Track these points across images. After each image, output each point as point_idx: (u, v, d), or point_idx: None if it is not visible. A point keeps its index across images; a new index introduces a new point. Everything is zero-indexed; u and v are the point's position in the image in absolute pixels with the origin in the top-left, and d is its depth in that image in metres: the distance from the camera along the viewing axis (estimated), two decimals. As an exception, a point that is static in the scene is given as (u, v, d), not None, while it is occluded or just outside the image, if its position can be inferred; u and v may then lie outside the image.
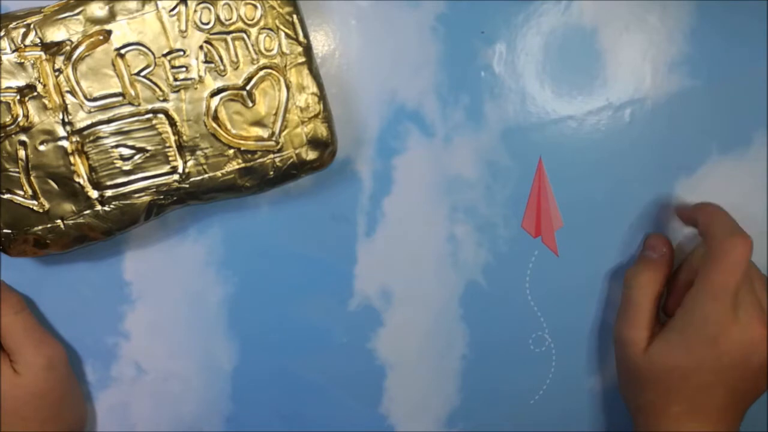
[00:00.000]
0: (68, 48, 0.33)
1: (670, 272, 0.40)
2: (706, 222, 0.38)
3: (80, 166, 0.34)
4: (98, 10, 0.33)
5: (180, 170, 0.35)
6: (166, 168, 0.35)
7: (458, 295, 0.41)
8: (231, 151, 0.35)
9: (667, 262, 0.40)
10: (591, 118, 0.39)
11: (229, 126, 0.35)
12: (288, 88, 0.34)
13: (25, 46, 0.33)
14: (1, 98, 0.33)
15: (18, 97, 0.34)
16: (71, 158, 0.34)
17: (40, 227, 0.35)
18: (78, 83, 0.34)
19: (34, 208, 0.34)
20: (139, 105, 0.34)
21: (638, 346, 0.39)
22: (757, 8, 0.39)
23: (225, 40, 0.34)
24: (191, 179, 0.35)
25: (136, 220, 0.35)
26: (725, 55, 0.39)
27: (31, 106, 0.34)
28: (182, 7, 0.33)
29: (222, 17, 0.34)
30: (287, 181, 0.36)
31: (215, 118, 0.34)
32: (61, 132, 0.34)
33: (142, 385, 0.40)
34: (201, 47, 0.34)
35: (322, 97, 0.35)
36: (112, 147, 0.34)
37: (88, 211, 0.35)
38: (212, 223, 0.39)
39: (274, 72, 0.34)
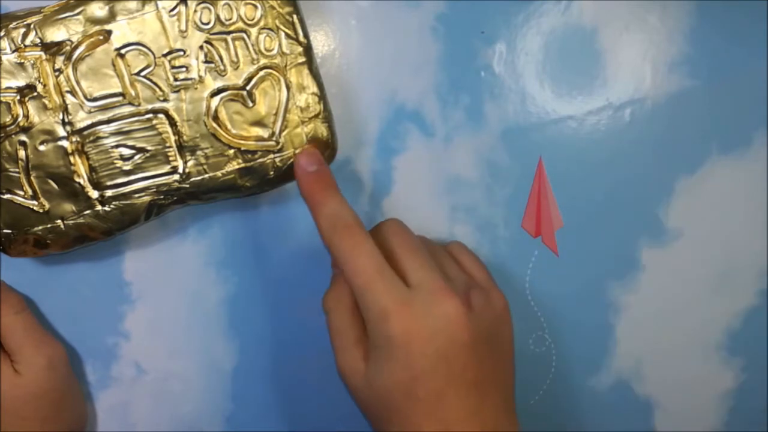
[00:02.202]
0: (68, 48, 0.33)
1: None
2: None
3: (80, 166, 0.34)
4: (98, 10, 0.33)
5: (180, 170, 0.35)
6: (167, 168, 0.35)
7: (458, 295, 0.41)
8: (231, 151, 0.35)
9: None
10: (591, 118, 0.39)
11: (229, 126, 0.35)
12: (288, 88, 0.34)
13: (25, 46, 0.33)
14: (1, 98, 0.33)
15: (18, 97, 0.34)
16: (71, 158, 0.34)
17: (40, 227, 0.35)
18: (78, 83, 0.34)
19: (34, 208, 0.34)
20: (139, 105, 0.34)
21: (357, 373, 0.33)
22: (757, 8, 0.39)
23: (225, 40, 0.34)
24: (191, 179, 0.35)
25: (136, 220, 0.35)
26: (725, 55, 0.39)
27: (31, 106, 0.34)
28: (182, 7, 0.33)
29: (222, 17, 0.34)
30: (287, 181, 0.36)
31: (215, 118, 0.34)
32: (61, 132, 0.34)
33: (142, 385, 0.40)
34: (201, 47, 0.34)
35: (322, 97, 0.35)
36: (112, 147, 0.34)
37: (88, 211, 0.35)
38: (212, 223, 0.39)
39: (274, 72, 0.34)
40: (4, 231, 0.34)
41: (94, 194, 0.35)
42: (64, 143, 0.34)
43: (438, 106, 0.39)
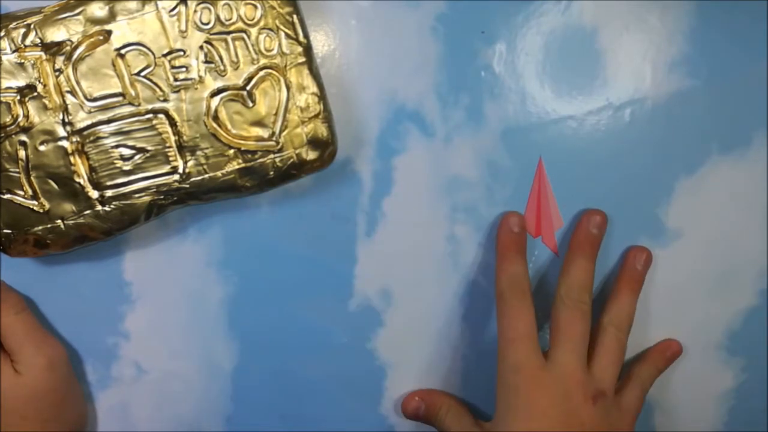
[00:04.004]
0: (68, 48, 0.33)
1: None
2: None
3: (80, 166, 0.34)
4: (98, 10, 0.33)
5: (180, 170, 0.35)
6: (167, 168, 0.35)
7: (458, 295, 0.41)
8: (231, 151, 0.35)
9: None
10: (591, 118, 0.39)
11: (229, 126, 0.35)
12: (288, 88, 0.34)
13: (26, 46, 0.33)
14: (2, 98, 0.33)
15: (18, 97, 0.34)
16: (71, 158, 0.34)
17: (40, 227, 0.35)
18: (78, 83, 0.34)
19: (34, 208, 0.34)
20: (139, 105, 0.34)
21: None
22: (757, 8, 0.39)
23: (225, 40, 0.34)
24: (191, 179, 0.35)
25: (136, 220, 0.35)
26: (725, 55, 0.39)
27: (31, 106, 0.34)
28: (182, 7, 0.33)
29: (222, 17, 0.34)
30: (287, 181, 0.36)
31: (215, 118, 0.34)
32: (61, 132, 0.34)
33: (142, 385, 0.40)
34: (201, 47, 0.34)
35: (322, 97, 0.35)
36: (113, 147, 0.34)
37: (88, 211, 0.35)
38: (212, 223, 0.39)
39: (274, 72, 0.34)
40: (4, 231, 0.34)
41: (94, 194, 0.35)
42: (64, 143, 0.34)
43: (438, 106, 0.39)
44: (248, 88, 0.34)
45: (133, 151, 0.34)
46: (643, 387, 0.40)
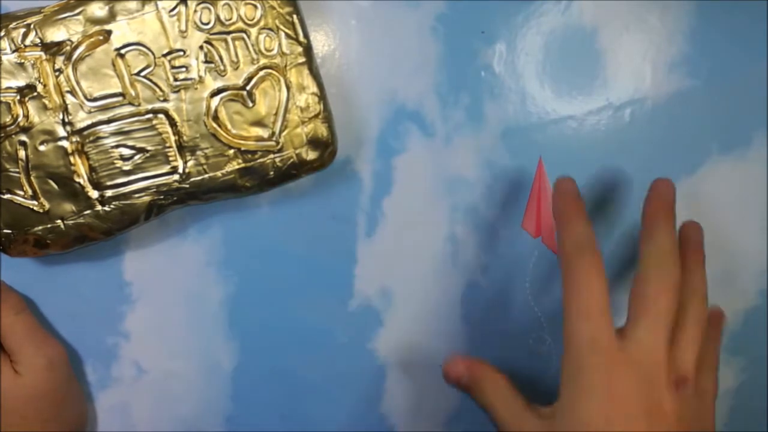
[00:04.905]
0: (68, 48, 0.33)
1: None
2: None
3: (80, 166, 0.34)
4: (98, 10, 0.33)
5: (180, 170, 0.35)
6: (167, 168, 0.35)
7: (458, 295, 0.41)
8: (231, 151, 0.35)
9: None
10: (591, 118, 0.39)
11: (229, 126, 0.35)
12: (288, 88, 0.34)
13: (25, 46, 0.33)
14: (1, 98, 0.33)
15: (18, 97, 0.34)
16: (71, 158, 0.34)
17: (40, 227, 0.35)
18: (78, 83, 0.34)
19: (34, 208, 0.34)
20: (139, 105, 0.34)
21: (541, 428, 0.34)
22: (757, 8, 0.39)
23: (225, 40, 0.34)
24: (191, 179, 0.35)
25: (136, 220, 0.35)
26: (725, 55, 0.39)
27: (31, 106, 0.34)
28: (182, 7, 0.33)
29: (222, 17, 0.34)
30: (287, 181, 0.36)
31: (215, 118, 0.34)
32: (61, 132, 0.34)
33: (142, 385, 0.40)
34: (201, 47, 0.34)
35: (322, 97, 0.35)
36: (112, 147, 0.34)
37: (88, 211, 0.35)
38: (212, 223, 0.39)
39: (274, 72, 0.34)
40: (4, 231, 0.34)
41: (94, 194, 0.35)
42: (64, 143, 0.34)
43: (438, 106, 0.39)
44: (248, 88, 0.34)
45: (133, 151, 0.34)
46: (715, 368, 0.36)
